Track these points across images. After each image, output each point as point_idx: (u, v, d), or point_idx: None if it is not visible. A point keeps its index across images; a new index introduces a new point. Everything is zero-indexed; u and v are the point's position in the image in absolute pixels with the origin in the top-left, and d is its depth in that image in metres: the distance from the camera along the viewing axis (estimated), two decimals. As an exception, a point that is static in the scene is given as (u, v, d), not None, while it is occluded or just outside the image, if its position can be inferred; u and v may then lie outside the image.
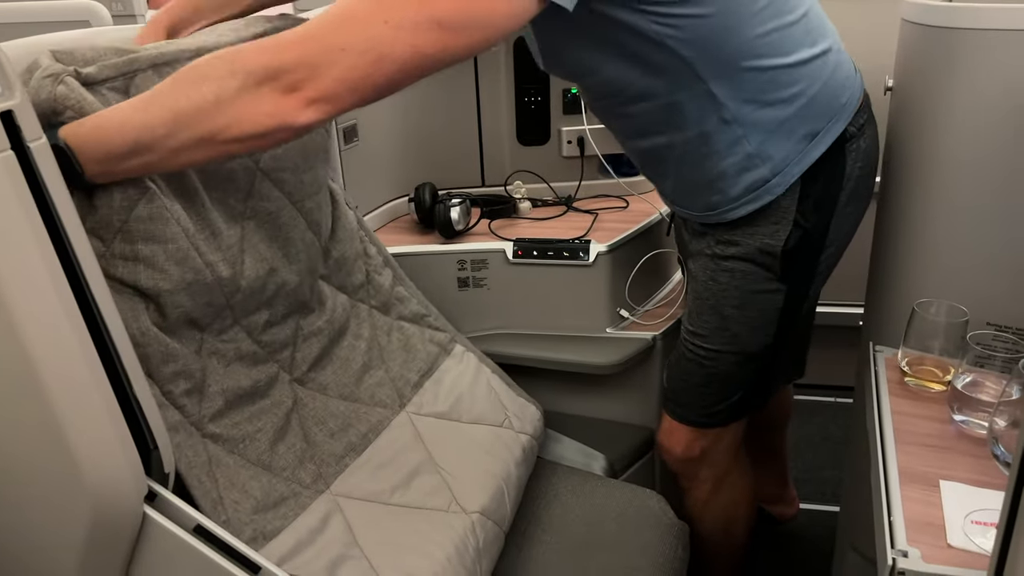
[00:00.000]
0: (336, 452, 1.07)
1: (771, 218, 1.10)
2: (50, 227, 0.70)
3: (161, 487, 0.80)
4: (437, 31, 0.80)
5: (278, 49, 0.80)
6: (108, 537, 0.77)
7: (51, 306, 0.69)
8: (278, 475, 0.99)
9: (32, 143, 0.68)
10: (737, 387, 1.23)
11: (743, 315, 1.16)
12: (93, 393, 0.73)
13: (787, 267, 1.13)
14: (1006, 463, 0.86)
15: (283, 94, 0.79)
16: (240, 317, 1.00)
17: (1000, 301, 1.08)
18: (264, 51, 0.80)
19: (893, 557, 0.78)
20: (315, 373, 1.11)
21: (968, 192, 1.08)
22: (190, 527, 0.80)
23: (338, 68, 0.79)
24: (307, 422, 1.07)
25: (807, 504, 1.82)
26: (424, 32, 0.80)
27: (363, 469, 1.07)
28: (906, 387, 1.06)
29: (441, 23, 0.80)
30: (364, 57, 0.79)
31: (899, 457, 0.92)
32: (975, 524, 0.82)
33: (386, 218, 1.62)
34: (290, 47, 0.80)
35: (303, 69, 0.79)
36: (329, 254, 1.18)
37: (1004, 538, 0.59)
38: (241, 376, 0.99)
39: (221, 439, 0.95)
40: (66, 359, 0.71)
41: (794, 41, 1.02)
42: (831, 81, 1.06)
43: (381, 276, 1.27)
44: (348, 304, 1.20)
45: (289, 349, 1.08)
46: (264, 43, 0.82)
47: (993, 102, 1.02)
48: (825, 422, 2.10)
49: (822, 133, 1.07)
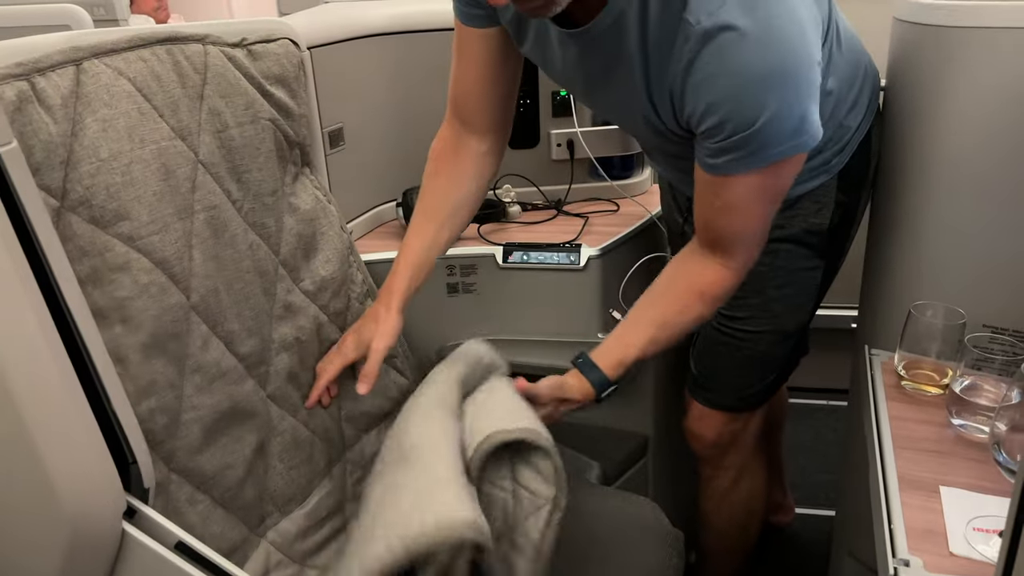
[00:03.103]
0: (286, 494, 1.08)
1: (816, 198, 1.14)
2: (21, 234, 0.67)
3: (140, 503, 0.78)
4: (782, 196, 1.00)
5: (738, 271, 1.03)
6: (86, 555, 0.74)
7: (23, 317, 0.67)
8: (233, 514, 0.98)
9: (2, 148, 0.65)
10: (773, 367, 1.27)
11: (784, 294, 1.19)
12: (67, 404, 0.70)
13: (828, 244, 1.18)
14: (1008, 469, 0.84)
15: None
16: (214, 325, 0.97)
17: (997, 303, 1.07)
18: (731, 273, 1.03)
19: (895, 567, 0.76)
20: (287, 388, 1.09)
21: (963, 192, 1.07)
22: (171, 544, 0.77)
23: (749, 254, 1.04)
24: (273, 450, 1.06)
25: (801, 509, 1.82)
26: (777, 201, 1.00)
27: (305, 520, 1.10)
28: (903, 391, 1.05)
29: (783, 191, 0.99)
30: (761, 240, 1.03)
31: (898, 463, 0.90)
32: (977, 531, 0.81)
33: (373, 223, 1.60)
34: (744, 263, 1.03)
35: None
36: (311, 270, 1.15)
37: (1010, 547, 0.57)
38: (222, 395, 0.97)
39: (191, 474, 0.93)
40: (37, 369, 0.68)
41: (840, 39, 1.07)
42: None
43: (361, 305, 1.25)
44: (326, 325, 1.17)
45: (264, 366, 1.05)
46: (723, 267, 1.03)
47: (988, 100, 1.01)
48: (818, 425, 2.09)
49: (871, 104, 1.14)
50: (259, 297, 1.04)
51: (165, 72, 0.93)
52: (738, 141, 0.89)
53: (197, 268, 0.93)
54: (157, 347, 0.88)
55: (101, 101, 0.85)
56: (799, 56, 0.86)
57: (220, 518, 0.96)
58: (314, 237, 1.16)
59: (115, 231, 0.85)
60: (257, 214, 1.05)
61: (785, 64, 0.85)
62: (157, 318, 0.88)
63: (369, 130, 1.53)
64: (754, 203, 0.98)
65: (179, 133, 0.93)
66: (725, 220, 1.00)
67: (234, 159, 1.01)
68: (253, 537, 1.02)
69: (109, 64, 0.87)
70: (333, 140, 1.43)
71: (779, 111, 0.86)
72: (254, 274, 1.03)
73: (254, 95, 1.04)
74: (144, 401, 0.85)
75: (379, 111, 1.55)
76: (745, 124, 0.87)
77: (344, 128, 1.46)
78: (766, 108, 0.85)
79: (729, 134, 0.89)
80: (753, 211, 0.99)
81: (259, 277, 1.04)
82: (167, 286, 0.89)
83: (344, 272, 1.21)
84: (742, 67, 0.85)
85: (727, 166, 0.92)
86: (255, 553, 1.01)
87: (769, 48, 0.84)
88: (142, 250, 0.87)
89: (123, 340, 0.84)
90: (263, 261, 1.06)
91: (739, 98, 0.86)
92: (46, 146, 0.79)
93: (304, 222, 1.13)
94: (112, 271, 0.84)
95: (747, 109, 0.86)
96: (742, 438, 1.33)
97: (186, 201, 0.93)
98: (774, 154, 0.90)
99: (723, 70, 0.85)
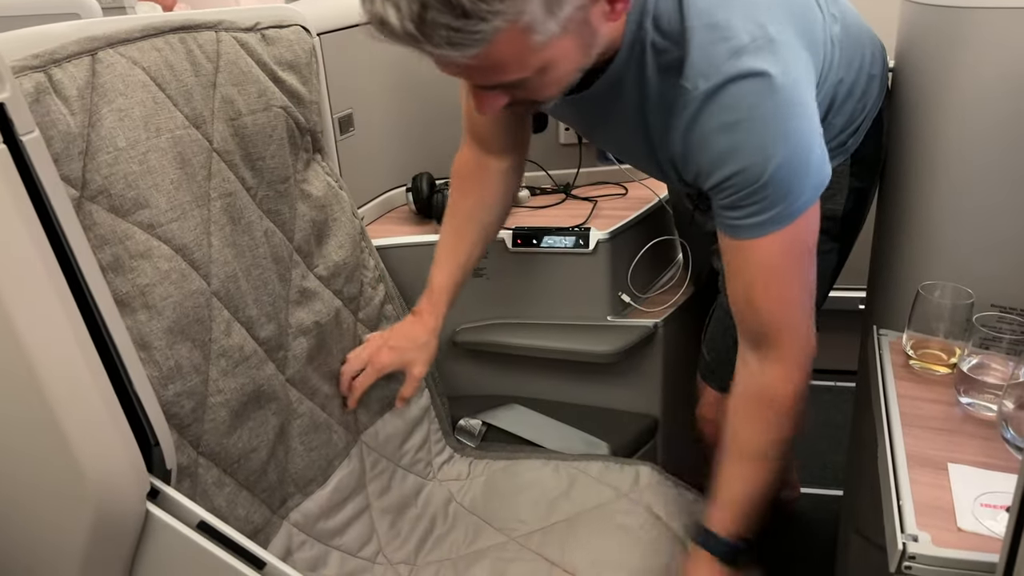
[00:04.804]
0: (307, 475, 1.09)
1: (830, 183, 1.12)
2: (45, 221, 0.69)
3: (163, 484, 0.79)
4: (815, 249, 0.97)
5: (800, 362, 1.00)
6: (111, 535, 0.76)
7: (47, 302, 0.68)
8: (257, 496, 1.00)
9: (25, 136, 0.67)
10: None
11: None
12: (92, 390, 0.72)
13: (842, 229, 1.18)
14: (1016, 446, 0.85)
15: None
16: (235, 311, 0.98)
17: (1005, 282, 1.07)
18: (796, 369, 1.00)
19: (903, 542, 0.77)
20: (306, 372, 1.11)
21: (972, 173, 1.07)
22: (194, 523, 0.79)
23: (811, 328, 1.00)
24: (293, 432, 1.08)
25: (809, 488, 1.83)
26: (813, 259, 0.98)
27: (327, 501, 1.11)
28: (911, 370, 1.06)
29: (812, 249, 0.97)
30: (811, 303, 1.00)
31: (906, 441, 0.91)
32: (985, 507, 0.82)
33: (383, 208, 1.61)
34: (802, 349, 1.00)
35: (812, 342, 1.01)
36: (325, 256, 1.17)
37: (1017, 521, 0.58)
38: (246, 379, 0.98)
39: (219, 458, 0.95)
40: (63, 355, 0.70)
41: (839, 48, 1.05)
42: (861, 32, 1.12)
43: (374, 291, 1.27)
44: (342, 310, 1.19)
45: (282, 351, 1.07)
46: (782, 372, 1.00)
47: (998, 81, 1.01)
48: (826, 406, 2.10)
49: (881, 84, 1.14)
50: (275, 283, 1.06)
51: (178, 61, 0.94)
52: (750, 195, 0.88)
53: (216, 255, 0.95)
54: (181, 332, 0.89)
55: (117, 91, 0.86)
56: (799, 105, 0.86)
57: (245, 500, 0.97)
58: (326, 223, 1.17)
59: (135, 219, 0.86)
60: (271, 201, 1.06)
61: (787, 112, 0.85)
62: (179, 304, 0.89)
63: (379, 116, 1.54)
64: (786, 269, 0.95)
65: (193, 122, 0.94)
66: (761, 296, 0.97)
67: (247, 147, 1.02)
68: (276, 519, 1.04)
69: (124, 54, 0.88)
70: (343, 126, 1.44)
71: (787, 159, 0.86)
72: (270, 260, 1.05)
73: (266, 82, 1.05)
74: (170, 385, 0.87)
75: (389, 97, 1.55)
76: (754, 176, 0.87)
77: (354, 114, 1.47)
78: (772, 157, 0.85)
79: (739, 187, 0.88)
80: (787, 279, 0.96)
81: (275, 263, 1.06)
82: (188, 272, 0.91)
83: (357, 257, 1.23)
84: (743, 119, 0.85)
85: (748, 229, 0.92)
86: (278, 534, 1.03)
87: (769, 98, 0.84)
88: (162, 237, 0.88)
89: (147, 326, 0.86)
90: (278, 247, 1.07)
91: (744, 149, 0.86)
92: (64, 137, 0.80)
93: (316, 208, 1.14)
94: (133, 258, 0.85)
95: (754, 160, 0.86)
96: None
97: (202, 189, 0.94)
98: (792, 209, 0.90)
99: (724, 125, 0.86)
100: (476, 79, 0.80)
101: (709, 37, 0.84)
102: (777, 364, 0.99)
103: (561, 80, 0.83)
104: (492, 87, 0.81)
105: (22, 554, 0.79)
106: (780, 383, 1.00)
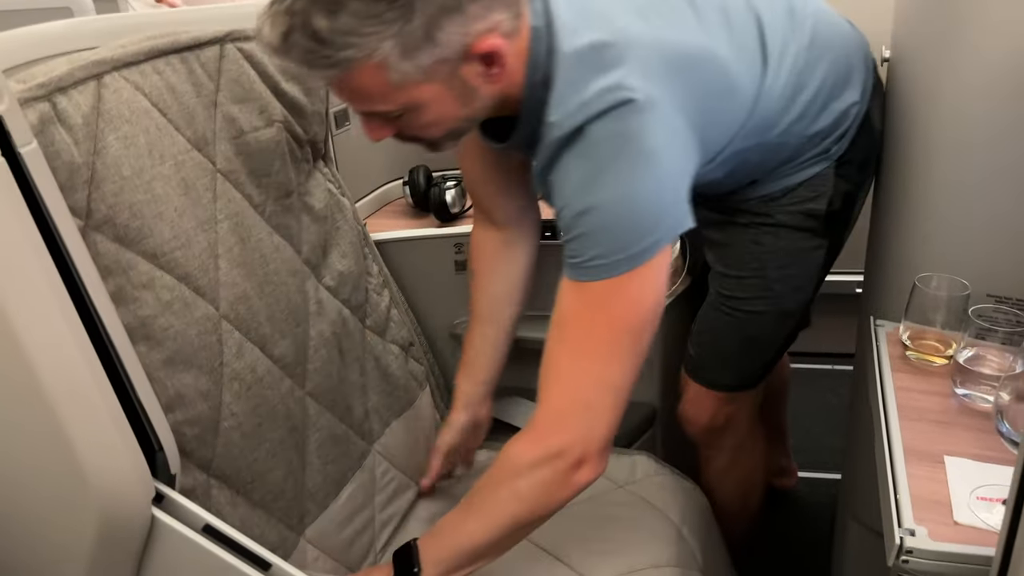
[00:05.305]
0: (324, 489, 1.10)
1: (813, 186, 1.14)
2: (44, 232, 0.69)
3: (168, 488, 0.80)
4: (630, 336, 0.90)
5: (542, 438, 0.91)
6: (117, 540, 0.77)
7: (49, 311, 0.69)
8: (273, 515, 1.00)
9: (23, 148, 0.67)
10: (773, 346, 1.27)
11: (786, 274, 1.19)
12: (96, 397, 0.73)
13: (828, 225, 1.17)
14: (1012, 440, 0.86)
15: (570, 472, 0.89)
16: (247, 331, 0.98)
17: (1001, 272, 1.08)
18: (531, 443, 0.91)
19: (900, 536, 0.78)
20: (324, 384, 1.11)
21: (969, 162, 1.07)
22: (199, 527, 0.80)
23: (599, 424, 0.90)
24: (311, 447, 1.08)
25: (807, 472, 1.85)
26: (621, 345, 0.89)
27: (338, 515, 1.12)
28: (908, 361, 1.06)
29: (627, 330, 0.89)
30: (608, 399, 0.90)
31: (903, 434, 0.92)
32: (981, 500, 0.83)
33: (380, 202, 1.61)
34: (551, 433, 0.90)
35: (577, 446, 0.89)
36: (330, 266, 1.17)
37: (1013, 514, 0.59)
38: (259, 400, 0.98)
39: (231, 480, 0.94)
40: (66, 364, 0.70)
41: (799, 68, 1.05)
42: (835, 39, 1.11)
43: (379, 296, 1.27)
44: (350, 319, 1.19)
45: (301, 366, 1.07)
46: (527, 436, 0.92)
47: (996, 69, 1.00)
48: (823, 390, 2.11)
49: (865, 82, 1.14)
50: (294, 296, 1.06)
51: (180, 83, 0.93)
52: (566, 230, 0.89)
53: (224, 277, 0.94)
54: (183, 362, 0.88)
55: (122, 118, 0.85)
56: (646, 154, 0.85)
57: (260, 520, 0.97)
58: (330, 233, 1.17)
59: (139, 248, 0.85)
60: (279, 216, 1.06)
61: (619, 164, 0.85)
62: (181, 333, 0.88)
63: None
64: (570, 333, 0.90)
65: (195, 144, 0.94)
66: (550, 345, 0.92)
67: (252, 164, 1.02)
68: (292, 536, 1.03)
69: (128, 78, 0.87)
70: (339, 120, 1.44)
71: (604, 205, 0.85)
72: (285, 275, 1.05)
73: (268, 98, 1.04)
74: (169, 415, 0.85)
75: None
76: (573, 211, 0.87)
77: (349, 108, 1.46)
78: (593, 199, 0.86)
79: (563, 225, 0.89)
80: (572, 345, 0.90)
81: (291, 277, 1.06)
82: (192, 300, 0.90)
83: (361, 265, 1.23)
84: (583, 160, 0.86)
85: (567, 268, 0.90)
86: (295, 552, 1.03)
87: (603, 151, 0.85)
88: (165, 267, 0.87)
89: (146, 357, 0.84)
90: (290, 261, 1.07)
91: (576, 185, 0.87)
92: (68, 167, 0.79)
93: (320, 220, 1.14)
94: (136, 289, 0.84)
95: (578, 196, 0.87)
96: (736, 420, 1.33)
97: (208, 212, 0.94)
98: (592, 262, 0.86)
99: (570, 165, 0.88)
100: (352, 104, 0.88)
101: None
102: (526, 433, 0.93)
103: (441, 123, 0.89)
104: (370, 114, 0.88)
105: (28, 559, 0.80)
106: (518, 453, 0.92)
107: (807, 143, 1.10)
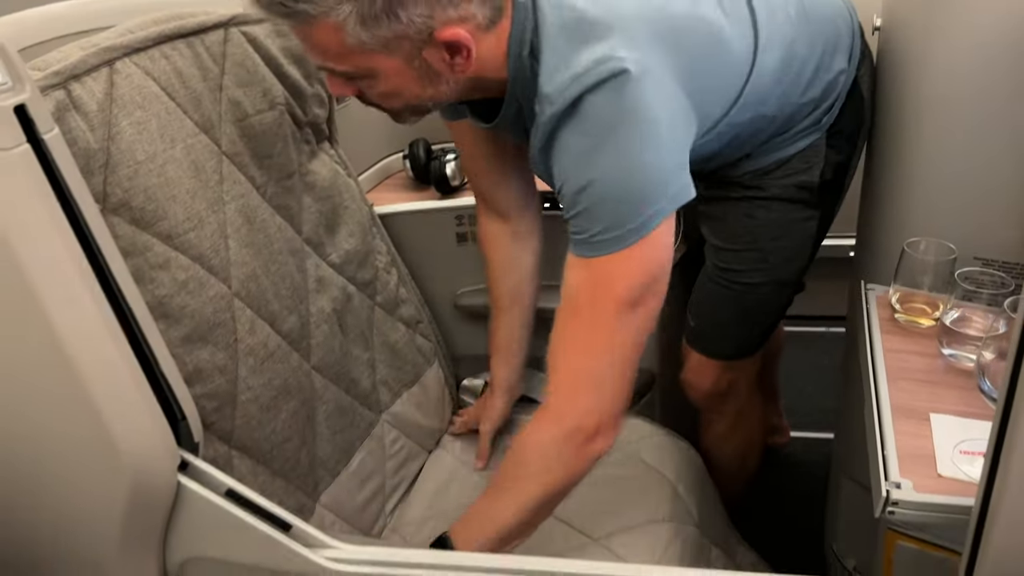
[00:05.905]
0: (333, 456, 1.13)
1: (805, 158, 1.15)
2: (69, 215, 0.72)
3: (192, 456, 0.84)
4: (638, 308, 0.89)
5: (557, 418, 0.93)
6: (146, 506, 0.81)
7: (79, 292, 0.72)
8: (291, 483, 1.03)
9: (46, 135, 0.69)
10: (771, 314, 1.29)
11: (780, 246, 1.20)
12: (123, 371, 0.76)
13: (821, 196, 1.18)
14: (992, 397, 0.90)
15: (587, 443, 0.91)
16: (258, 308, 1.01)
17: (987, 235, 1.10)
18: (549, 424, 0.93)
19: (887, 489, 0.82)
20: (329, 358, 1.14)
21: (958, 126, 1.08)
22: (222, 491, 0.83)
23: (611, 396, 0.91)
24: (320, 417, 1.11)
25: (800, 432, 1.88)
26: (629, 317, 0.89)
27: (349, 481, 1.16)
28: (897, 324, 1.09)
29: (634, 302, 0.89)
30: (617, 371, 0.91)
31: (891, 393, 0.95)
32: (963, 454, 0.86)
33: (380, 176, 1.63)
34: (566, 411, 0.92)
35: (591, 419, 0.90)
36: (336, 244, 1.19)
37: (991, 466, 0.63)
38: (273, 373, 1.01)
39: (251, 451, 0.98)
40: (96, 341, 0.74)
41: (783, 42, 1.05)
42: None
43: (388, 275, 1.30)
44: (356, 297, 1.22)
45: (305, 341, 1.10)
46: (543, 417, 0.94)
47: (987, 36, 1.01)
48: (817, 353, 2.14)
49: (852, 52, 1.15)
50: (295, 275, 1.09)
51: (187, 67, 0.95)
52: (568, 207, 0.89)
53: (234, 257, 0.97)
54: (200, 338, 0.92)
55: (135, 103, 0.87)
56: (638, 132, 0.85)
57: (280, 488, 1.01)
58: (335, 212, 1.19)
59: (155, 230, 0.88)
60: (280, 197, 1.08)
61: (620, 132, 0.85)
62: (198, 311, 0.91)
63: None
64: (579, 309, 0.91)
65: (202, 127, 0.96)
66: (559, 321, 0.93)
67: (255, 146, 1.04)
68: (309, 503, 1.07)
69: (138, 64, 0.89)
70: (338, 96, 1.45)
71: (605, 178, 0.85)
72: (286, 254, 1.07)
73: (271, 81, 1.06)
74: (190, 390, 0.88)
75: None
76: (574, 187, 0.87)
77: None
78: (593, 173, 0.86)
79: (565, 202, 0.90)
80: (581, 320, 0.91)
81: (291, 256, 1.09)
82: (205, 279, 0.93)
83: (368, 244, 1.26)
84: (581, 136, 0.86)
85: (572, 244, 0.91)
86: (312, 518, 1.07)
87: (602, 119, 0.85)
88: (179, 248, 0.90)
89: (165, 335, 0.87)
90: (292, 241, 1.09)
91: (575, 160, 0.87)
92: (85, 153, 0.81)
93: (323, 199, 1.17)
94: (153, 269, 0.87)
95: (578, 172, 0.87)
96: (737, 385, 1.36)
97: (215, 194, 0.96)
98: (597, 237, 0.87)
99: (568, 141, 0.88)
100: (311, 57, 0.89)
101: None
102: (541, 412, 0.96)
103: (399, 96, 0.91)
104: (331, 72, 0.90)
105: (64, 523, 0.84)
106: (533, 435, 0.96)
107: (799, 112, 1.12)
